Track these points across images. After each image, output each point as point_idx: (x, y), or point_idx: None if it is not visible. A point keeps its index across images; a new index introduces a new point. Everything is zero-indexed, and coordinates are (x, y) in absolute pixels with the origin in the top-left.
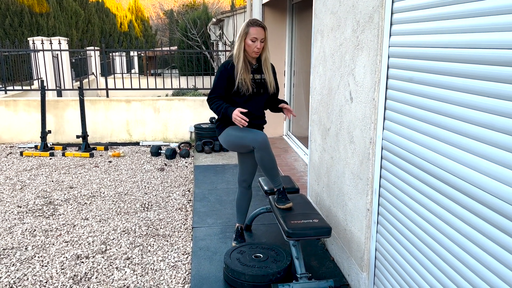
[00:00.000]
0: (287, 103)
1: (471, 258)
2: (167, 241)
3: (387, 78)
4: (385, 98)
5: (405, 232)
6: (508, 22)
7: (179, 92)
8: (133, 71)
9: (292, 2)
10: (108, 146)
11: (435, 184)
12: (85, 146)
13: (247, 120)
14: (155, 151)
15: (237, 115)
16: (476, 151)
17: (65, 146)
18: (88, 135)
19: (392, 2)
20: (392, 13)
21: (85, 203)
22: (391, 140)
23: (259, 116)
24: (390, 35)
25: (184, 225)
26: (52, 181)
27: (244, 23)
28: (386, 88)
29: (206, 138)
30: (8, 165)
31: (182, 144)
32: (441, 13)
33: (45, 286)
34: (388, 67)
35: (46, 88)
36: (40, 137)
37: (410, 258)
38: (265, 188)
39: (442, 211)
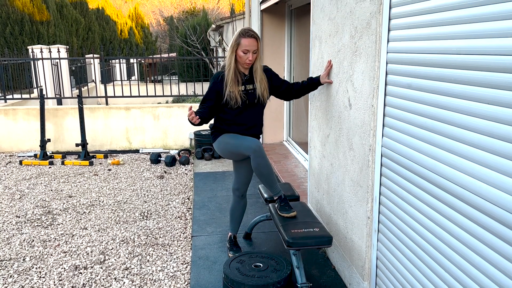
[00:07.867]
0: (316, 79)
1: (471, 267)
2: (166, 250)
3: (386, 84)
4: (384, 105)
5: (406, 240)
6: (508, 28)
7: (179, 99)
8: (133, 78)
9: (290, 8)
10: (107, 154)
11: (435, 191)
12: (85, 154)
13: (196, 118)
14: (155, 159)
15: (188, 115)
16: (476, 159)
17: (64, 155)
18: (87, 143)
19: (390, 8)
20: (389, 19)
21: (84, 212)
22: (390, 147)
23: (253, 126)
24: (388, 41)
25: (183, 233)
26: (51, 190)
27: (237, 32)
28: (385, 95)
29: (206, 145)
30: (7, 174)
31: (182, 151)
32: (440, 18)
33: None
34: (386, 73)
35: (45, 96)
36: (40, 145)
37: (411, 267)
38: (265, 195)
39: (442, 219)
